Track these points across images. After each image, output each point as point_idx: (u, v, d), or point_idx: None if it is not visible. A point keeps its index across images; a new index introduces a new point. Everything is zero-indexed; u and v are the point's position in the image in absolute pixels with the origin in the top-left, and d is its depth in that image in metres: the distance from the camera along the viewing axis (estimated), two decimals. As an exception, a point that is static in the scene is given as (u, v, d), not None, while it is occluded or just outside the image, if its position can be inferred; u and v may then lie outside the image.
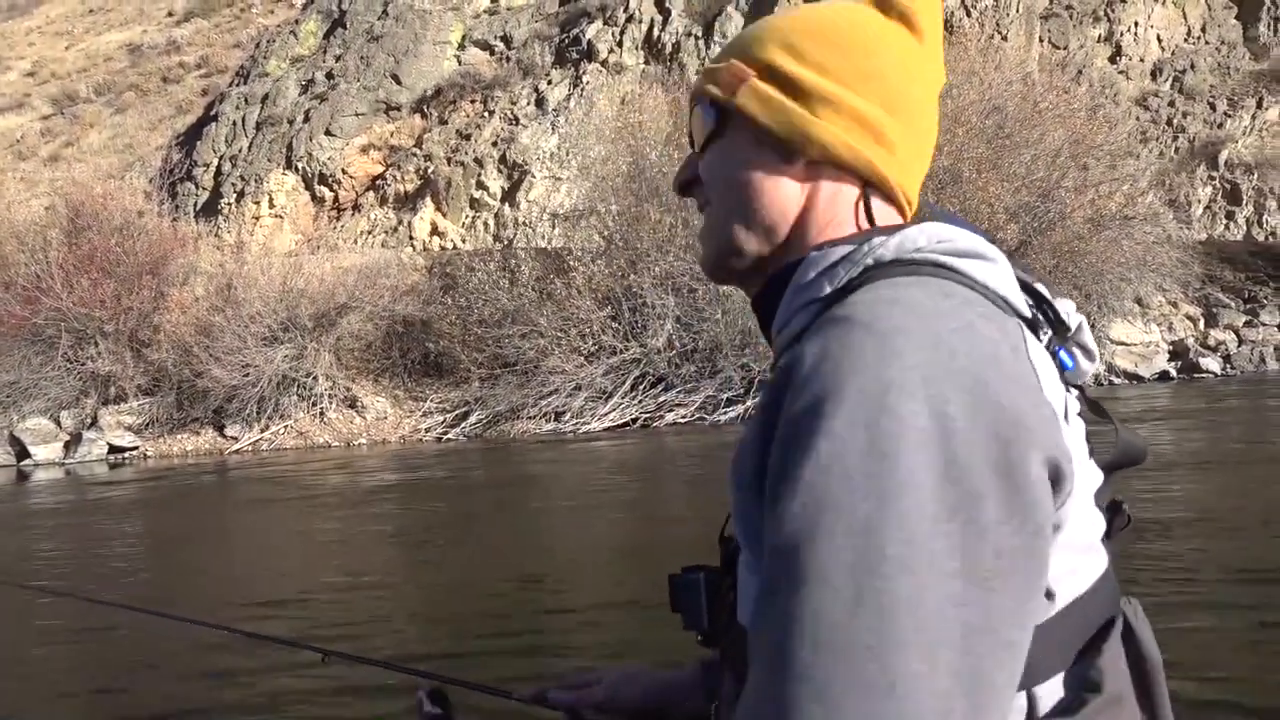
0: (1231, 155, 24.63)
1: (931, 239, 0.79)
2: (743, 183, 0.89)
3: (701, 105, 0.93)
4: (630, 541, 7.67)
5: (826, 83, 0.87)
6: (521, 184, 23.57)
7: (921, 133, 0.90)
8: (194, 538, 9.52)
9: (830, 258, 0.81)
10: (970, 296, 0.76)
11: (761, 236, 0.89)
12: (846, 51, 0.88)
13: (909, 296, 0.73)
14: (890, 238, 0.79)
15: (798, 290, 0.82)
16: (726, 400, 15.97)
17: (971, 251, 0.79)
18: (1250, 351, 19.21)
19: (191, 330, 18.52)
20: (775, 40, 0.89)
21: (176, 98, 31.12)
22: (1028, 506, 0.67)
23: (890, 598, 0.62)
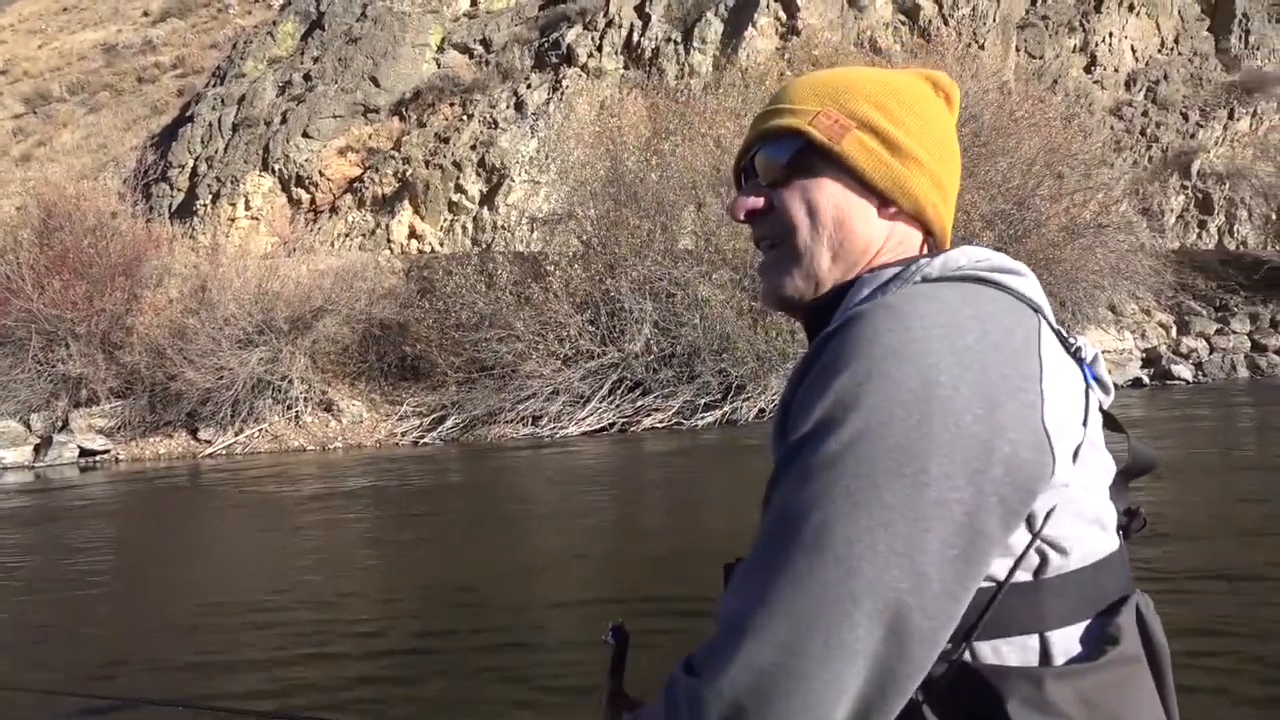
0: (1204, 165, 24.95)
1: (972, 258, 0.92)
2: (839, 220, 0.99)
3: (783, 140, 1.01)
4: (603, 549, 7.65)
5: (913, 144, 1.00)
6: (500, 187, 23.52)
7: (956, 189, 1.06)
8: (162, 543, 9.41)
9: (882, 276, 0.94)
10: (999, 296, 0.87)
11: (842, 270, 0.99)
12: (920, 117, 1.01)
13: (939, 291, 0.86)
14: (935, 258, 0.92)
15: (851, 304, 0.94)
16: (704, 405, 15.98)
17: (1007, 268, 0.92)
18: (1221, 359, 19.45)
19: (165, 332, 18.32)
20: (866, 97, 1.01)
21: (152, 98, 30.83)
22: (979, 473, 0.77)
23: (827, 523, 0.76)
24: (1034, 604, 0.83)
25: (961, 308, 0.83)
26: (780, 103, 1.03)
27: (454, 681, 4.52)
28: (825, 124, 0.99)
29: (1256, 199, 24.00)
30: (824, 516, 0.76)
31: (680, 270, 16.42)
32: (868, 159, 0.98)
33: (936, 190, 1.01)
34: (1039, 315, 0.88)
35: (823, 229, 0.99)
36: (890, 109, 1.00)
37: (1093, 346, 0.95)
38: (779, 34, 23.87)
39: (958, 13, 24.94)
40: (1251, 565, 5.51)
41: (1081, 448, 0.85)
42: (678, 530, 8.14)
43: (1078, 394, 0.87)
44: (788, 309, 1.03)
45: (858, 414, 0.78)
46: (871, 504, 0.75)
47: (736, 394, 15.91)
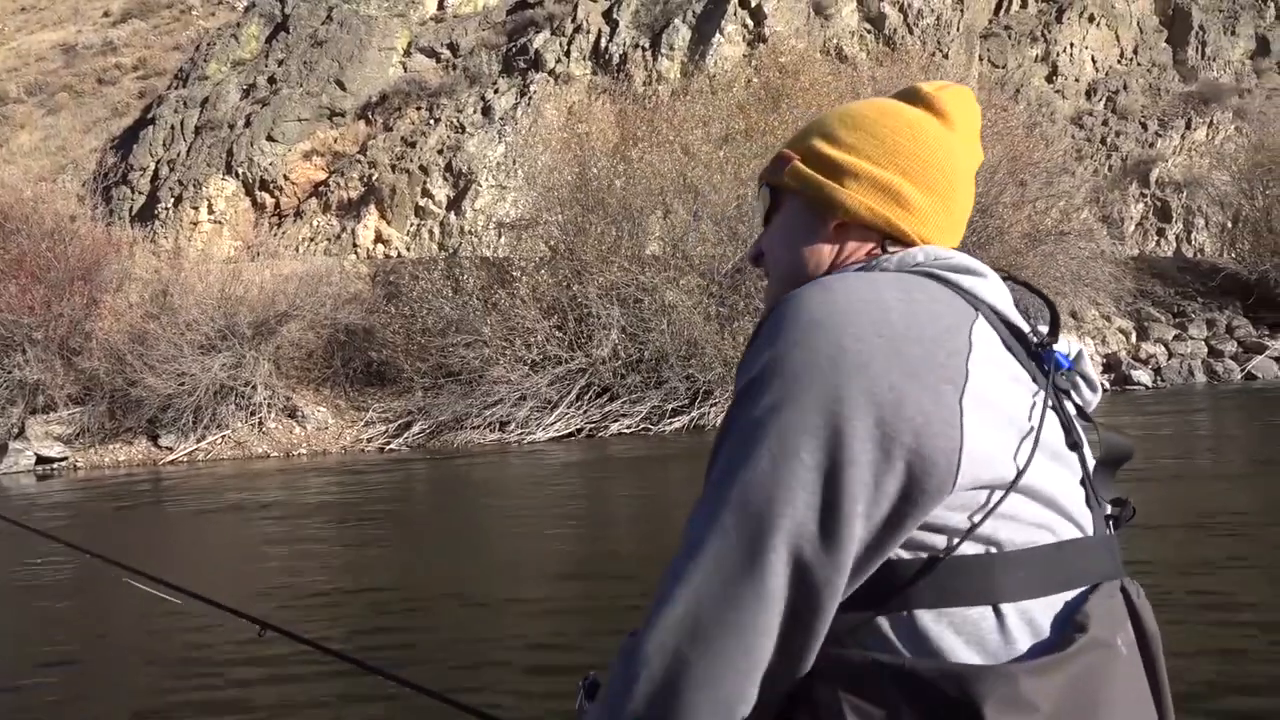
0: (1162, 174, 25.40)
1: (930, 256, 0.96)
2: (789, 245, 1.08)
3: (763, 189, 1.13)
4: (569, 554, 7.62)
5: (852, 159, 1.05)
6: (467, 192, 23.43)
7: (948, 197, 1.06)
8: (118, 554, 9.25)
9: (845, 272, 0.99)
10: (939, 289, 0.92)
11: (802, 279, 1.03)
12: (871, 134, 1.06)
13: (875, 276, 0.92)
14: (893, 255, 0.97)
15: None
16: (672, 411, 15.99)
17: (964, 267, 0.96)
18: (1179, 364, 19.77)
19: (125, 338, 18.03)
20: (817, 131, 1.10)
21: (112, 100, 30.39)
22: (889, 439, 0.82)
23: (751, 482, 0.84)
24: (984, 576, 0.86)
25: (890, 289, 0.89)
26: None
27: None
28: (775, 166, 1.11)
29: (1213, 207, 24.45)
30: (749, 476, 0.83)
31: (647, 276, 16.43)
32: (799, 183, 1.07)
33: (882, 194, 1.04)
34: (979, 311, 0.92)
35: (781, 258, 1.08)
36: (836, 134, 1.08)
37: (1077, 343, 0.99)
38: (746, 41, 24.01)
39: (922, 22, 25.22)
40: (1204, 564, 5.60)
41: (1031, 437, 0.88)
42: (642, 536, 8.13)
43: (1019, 385, 0.90)
44: None
45: (780, 380, 0.85)
46: (791, 463, 0.82)
47: (704, 399, 15.94)
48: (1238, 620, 4.69)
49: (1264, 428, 12.65)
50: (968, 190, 1.09)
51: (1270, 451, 10.57)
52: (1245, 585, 5.30)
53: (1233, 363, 19.78)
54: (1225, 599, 5.02)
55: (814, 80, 18.48)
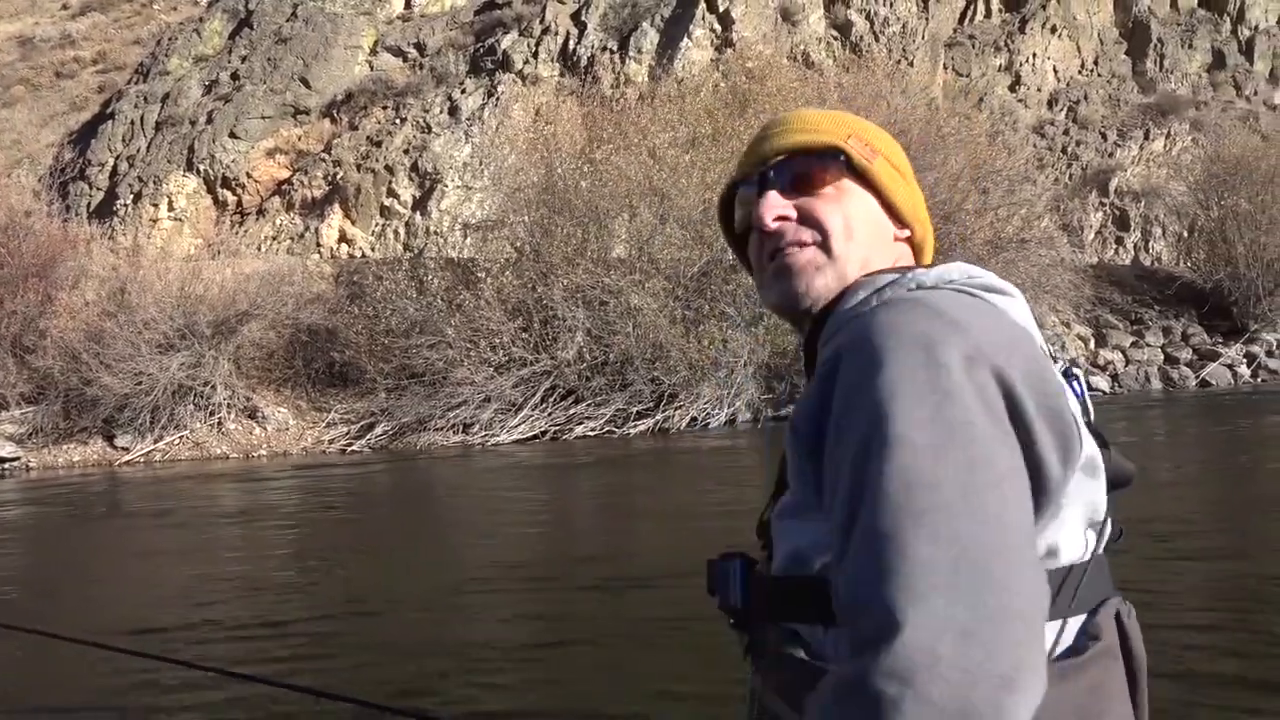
0: (1121, 183, 25.84)
1: (963, 273, 0.96)
2: (869, 234, 1.06)
3: (822, 155, 1.07)
4: (532, 559, 7.58)
5: (913, 181, 1.11)
6: (433, 193, 23.29)
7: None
8: (72, 555, 9.07)
9: (879, 281, 0.98)
10: (998, 310, 0.94)
11: (861, 278, 1.03)
12: (905, 162, 1.12)
13: (946, 294, 0.92)
14: (931, 270, 0.97)
15: (849, 306, 0.99)
16: (636, 413, 15.98)
17: (996, 287, 0.96)
18: (1136, 371, 20.11)
19: (81, 336, 17.69)
20: (875, 135, 1.10)
21: (70, 94, 29.85)
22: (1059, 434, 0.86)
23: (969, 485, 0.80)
24: (1060, 593, 0.89)
25: (973, 303, 0.91)
26: (792, 125, 1.10)
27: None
28: (858, 147, 1.07)
29: (1170, 217, 24.90)
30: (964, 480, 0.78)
31: (613, 279, 16.42)
32: (894, 184, 1.08)
33: (924, 222, 1.11)
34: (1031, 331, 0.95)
35: (855, 238, 1.05)
36: (890, 150, 1.10)
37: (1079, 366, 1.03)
38: (714, 46, 24.09)
39: (888, 30, 25.45)
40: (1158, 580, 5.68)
41: (1083, 449, 0.90)
42: (609, 542, 8.11)
43: (1073, 399, 0.94)
44: (803, 311, 1.05)
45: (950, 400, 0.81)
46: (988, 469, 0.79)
47: (669, 402, 15.95)
48: (1190, 642, 4.76)
49: (1223, 435, 12.89)
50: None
51: (1220, 458, 10.76)
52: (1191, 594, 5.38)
53: (1188, 370, 20.15)
54: (1173, 615, 5.10)
55: (780, 86, 18.58)
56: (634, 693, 4.24)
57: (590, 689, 4.34)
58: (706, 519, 8.10)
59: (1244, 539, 6.62)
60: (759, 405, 15.97)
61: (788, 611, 0.94)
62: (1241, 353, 20.71)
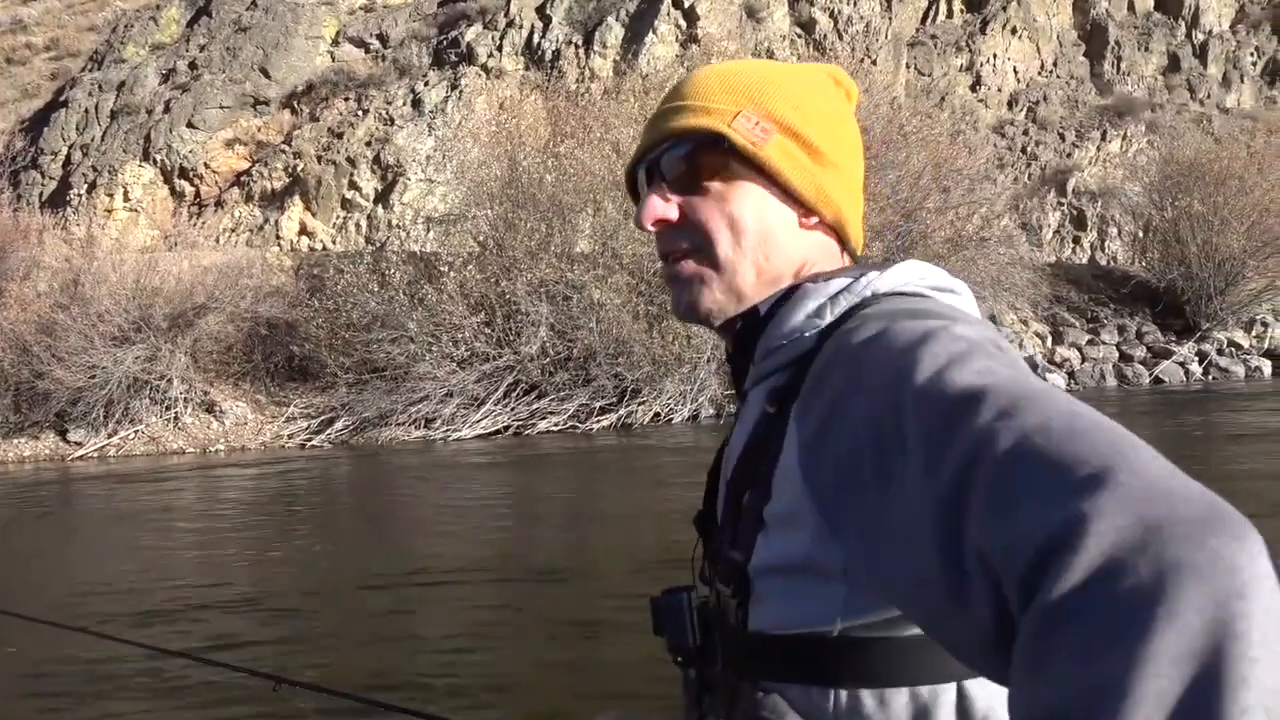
0: (1078, 183, 26.22)
1: (915, 275, 0.87)
2: (763, 232, 0.91)
3: (707, 143, 0.91)
4: (496, 553, 7.56)
5: (829, 147, 0.93)
6: (395, 185, 23.07)
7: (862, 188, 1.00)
8: (25, 552, 8.89)
9: (830, 289, 0.87)
10: (978, 316, 0.85)
11: (768, 283, 0.92)
12: (831, 117, 0.95)
13: (922, 303, 0.83)
14: (884, 273, 0.86)
15: (797, 317, 0.87)
16: (599, 409, 15.98)
17: (945, 286, 0.88)
18: (1092, 368, 20.45)
19: (32, 328, 17.33)
20: (784, 97, 0.93)
21: (22, 80, 29.18)
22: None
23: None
24: None
25: (967, 325, 0.77)
26: (686, 99, 0.93)
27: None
28: (746, 127, 0.90)
29: (1125, 217, 25.32)
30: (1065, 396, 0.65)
31: (577, 273, 16.38)
32: (792, 167, 0.91)
33: (852, 197, 0.96)
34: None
35: (745, 240, 0.90)
36: (807, 110, 0.92)
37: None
38: (679, 41, 24.09)
39: (851, 28, 25.61)
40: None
41: None
42: (571, 541, 8.10)
43: None
44: (703, 324, 0.95)
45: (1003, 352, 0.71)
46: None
47: (632, 398, 15.96)
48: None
49: (1174, 431, 13.14)
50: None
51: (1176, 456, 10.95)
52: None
53: (1142, 367, 20.52)
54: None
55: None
56: (586, 690, 4.23)
57: (540, 682, 4.34)
58: (661, 517, 8.12)
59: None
60: (722, 401, 16.03)
61: (779, 671, 0.80)
62: (1194, 351, 21.13)
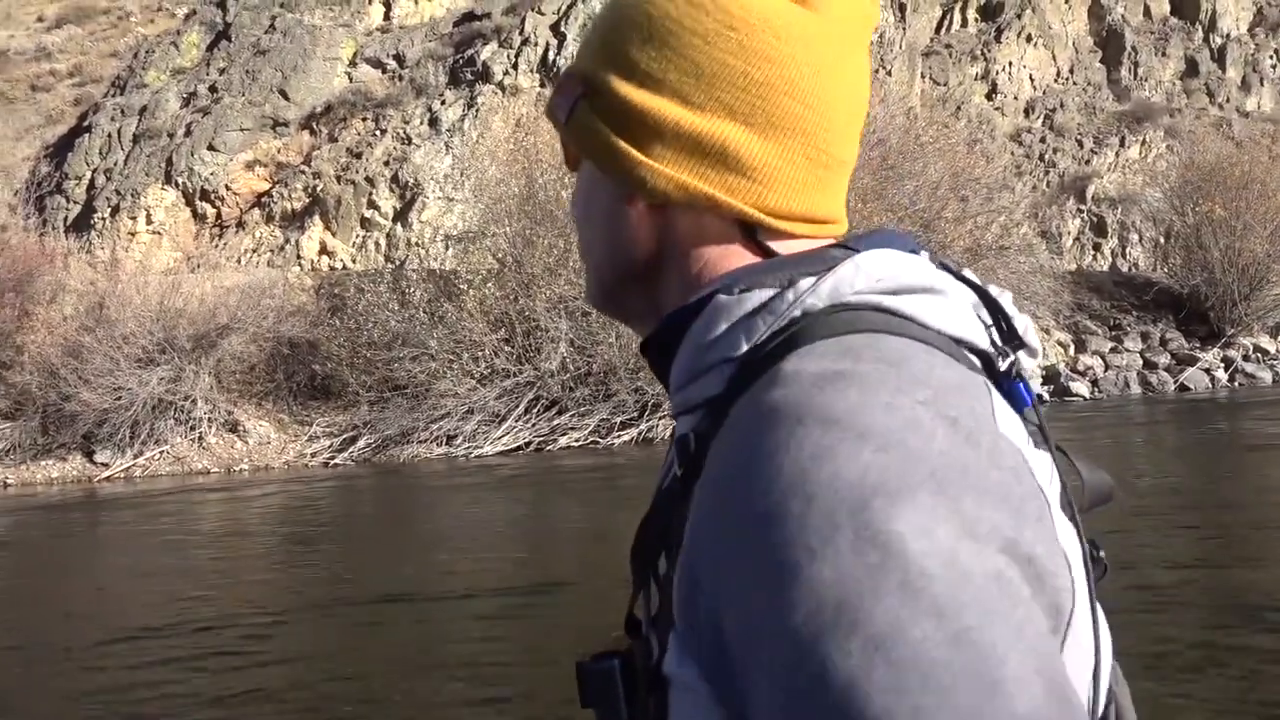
0: (1098, 190, 26.07)
1: (871, 277, 0.63)
2: (594, 215, 0.74)
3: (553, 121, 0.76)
4: (515, 570, 7.56)
5: (656, 101, 0.68)
6: (414, 204, 23.22)
7: (813, 133, 0.68)
8: (49, 577, 8.97)
9: (744, 306, 0.64)
10: (928, 360, 0.59)
11: (624, 274, 0.73)
12: (681, 50, 0.68)
13: (857, 371, 0.57)
14: (822, 281, 0.63)
15: (704, 344, 0.65)
16: (620, 424, 15.98)
17: (920, 287, 0.64)
18: (1116, 376, 20.28)
19: (59, 351, 17.55)
20: (599, 44, 0.72)
21: (46, 107, 29.61)
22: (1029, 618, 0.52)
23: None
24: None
25: (909, 391, 0.56)
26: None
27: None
28: (561, 97, 0.73)
29: (1146, 223, 25.15)
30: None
31: (596, 289, 16.42)
32: (585, 143, 0.72)
33: (704, 161, 0.68)
34: (976, 373, 0.63)
35: (587, 224, 0.75)
36: (626, 54, 0.69)
37: (1024, 318, 0.70)
38: (693, 56, 24.17)
39: (866, 39, 25.61)
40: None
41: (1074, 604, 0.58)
42: (579, 554, 8.10)
43: (1034, 454, 0.61)
44: (604, 313, 0.80)
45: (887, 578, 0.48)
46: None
47: (653, 412, 15.95)
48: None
49: (1201, 440, 13.01)
50: (850, 111, 0.71)
51: (1204, 465, 10.86)
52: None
53: (1166, 374, 20.33)
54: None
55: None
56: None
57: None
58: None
59: (1229, 550, 6.68)
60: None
61: None
62: (1219, 357, 20.92)
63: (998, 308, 0.69)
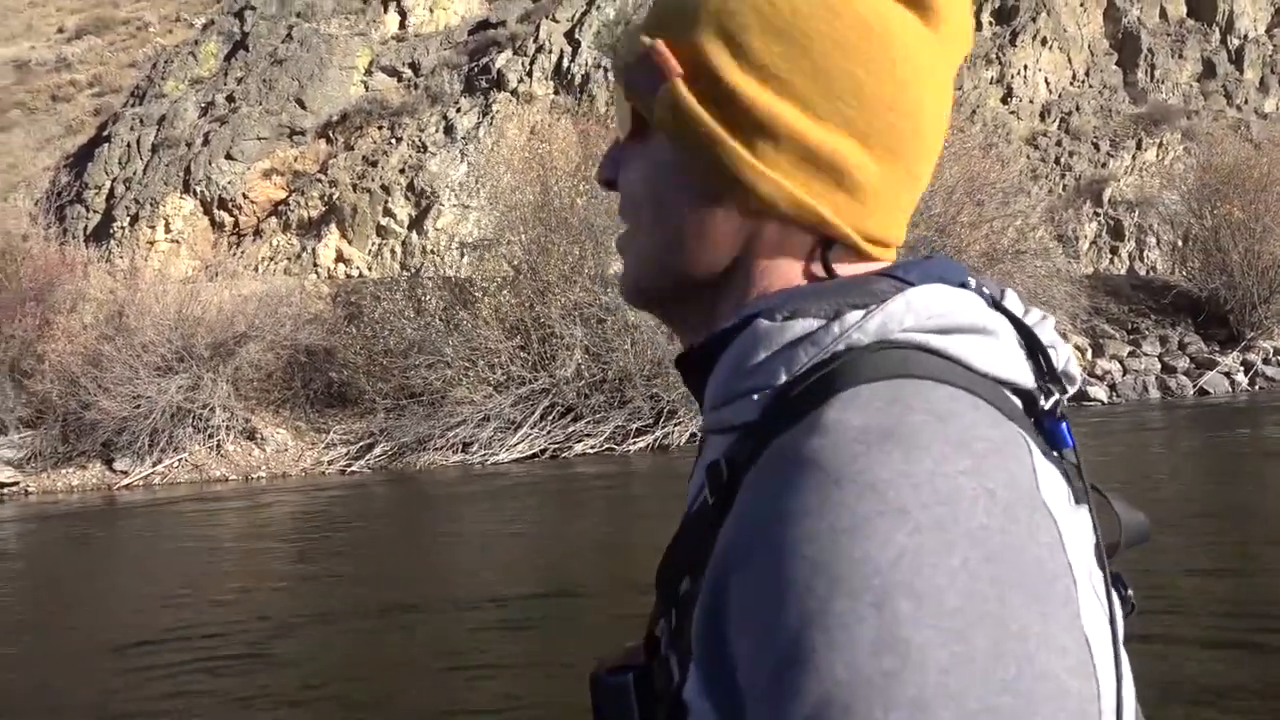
0: (1114, 193, 25.93)
1: (921, 315, 0.60)
2: (667, 209, 0.67)
3: (643, 70, 0.66)
4: (532, 578, 7.58)
5: (779, 104, 0.62)
6: (429, 212, 23.33)
7: (916, 156, 0.67)
8: (71, 584, 9.05)
9: (786, 334, 0.61)
10: (974, 417, 0.56)
11: (686, 277, 0.68)
12: (811, 53, 0.62)
13: (902, 428, 0.53)
14: (870, 317, 0.59)
15: (742, 369, 0.62)
16: (636, 430, 15.99)
17: (970, 327, 0.61)
18: (1134, 380, 20.14)
19: (79, 360, 17.70)
20: (709, 20, 0.64)
21: (66, 117, 29.92)
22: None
23: None
24: None
25: (954, 459, 0.52)
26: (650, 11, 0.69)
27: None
28: (645, 69, 0.66)
29: (1164, 226, 24.99)
30: None
31: (611, 296, 16.45)
32: (681, 129, 0.65)
33: (819, 175, 0.64)
34: (1022, 431, 0.59)
35: (651, 216, 0.68)
36: (744, 39, 0.63)
37: (1065, 346, 0.68)
38: (707, 62, 24.19)
39: (880, 44, 25.56)
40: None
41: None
42: (595, 564, 8.11)
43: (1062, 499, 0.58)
44: (639, 307, 0.74)
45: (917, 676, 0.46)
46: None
47: (669, 419, 15.96)
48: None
49: (1221, 445, 12.92)
50: (941, 135, 0.69)
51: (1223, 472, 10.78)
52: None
53: (1185, 378, 20.18)
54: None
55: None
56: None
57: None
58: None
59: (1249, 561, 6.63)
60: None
61: None
62: (1239, 361, 20.75)
63: (1036, 340, 0.66)
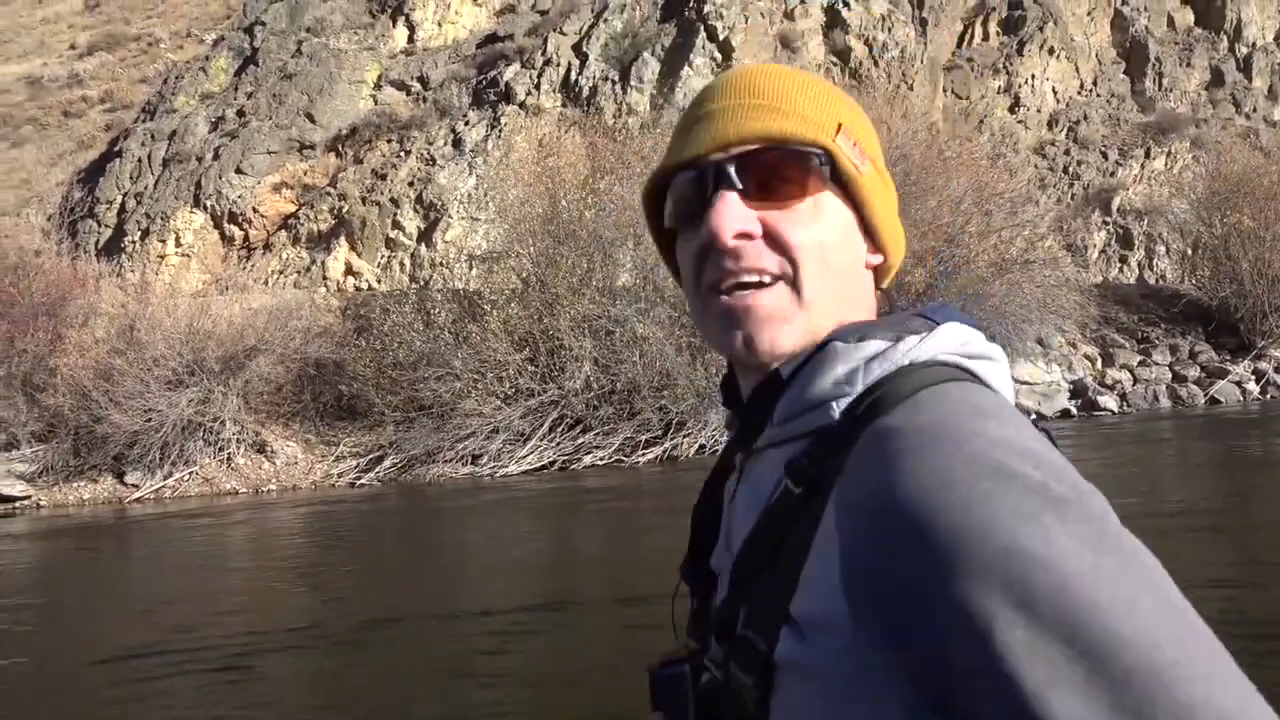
0: (1123, 202, 25.89)
1: (955, 343, 0.78)
2: (846, 266, 0.83)
3: (804, 155, 0.80)
4: (541, 589, 7.58)
5: (887, 179, 0.86)
6: (438, 225, 23.42)
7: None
8: (82, 599, 9.09)
9: (863, 352, 0.76)
10: (1010, 406, 0.76)
11: (837, 345, 0.79)
12: (878, 144, 0.88)
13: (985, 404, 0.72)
14: (925, 340, 0.77)
15: (819, 382, 0.77)
16: (645, 442, 15.99)
17: (984, 354, 0.80)
18: (1144, 389, 20.07)
19: (90, 374, 17.79)
20: (861, 123, 0.85)
21: (78, 132, 30.16)
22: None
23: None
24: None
25: (1025, 430, 0.70)
26: (773, 103, 0.81)
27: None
28: (847, 150, 0.82)
29: (1173, 235, 24.93)
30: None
31: (619, 308, 16.48)
32: (880, 198, 0.85)
33: (901, 244, 0.90)
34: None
35: (830, 273, 0.81)
36: (875, 140, 0.87)
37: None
38: (714, 74, 24.26)
39: (887, 55, 25.62)
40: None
41: None
42: (602, 576, 8.11)
43: None
44: (766, 367, 0.81)
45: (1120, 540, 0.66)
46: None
47: (677, 430, 15.96)
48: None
49: (1233, 455, 12.85)
50: None
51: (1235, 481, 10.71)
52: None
53: (1196, 387, 20.10)
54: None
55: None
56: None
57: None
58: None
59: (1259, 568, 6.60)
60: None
61: None
62: (1249, 369, 20.67)
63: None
